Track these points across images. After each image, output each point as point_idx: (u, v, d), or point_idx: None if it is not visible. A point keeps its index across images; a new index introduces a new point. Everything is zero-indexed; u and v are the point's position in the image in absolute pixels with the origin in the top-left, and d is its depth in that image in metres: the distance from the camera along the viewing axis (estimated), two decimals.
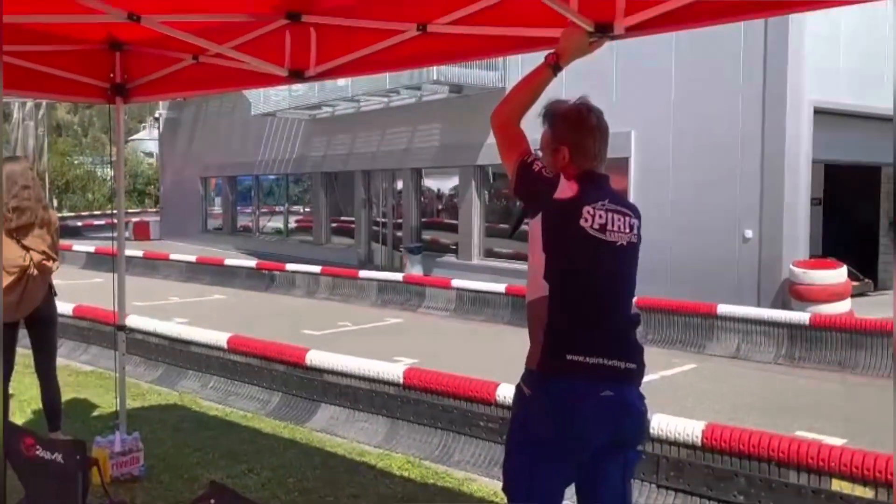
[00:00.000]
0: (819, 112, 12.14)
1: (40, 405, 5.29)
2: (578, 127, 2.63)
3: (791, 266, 11.65)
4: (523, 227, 2.68)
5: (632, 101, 13.56)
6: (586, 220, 2.51)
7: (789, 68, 11.88)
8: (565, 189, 2.52)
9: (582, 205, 2.52)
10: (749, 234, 12.32)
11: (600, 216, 2.53)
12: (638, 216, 2.67)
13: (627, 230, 2.59)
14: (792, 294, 11.52)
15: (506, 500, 2.69)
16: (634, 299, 2.69)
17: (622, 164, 13.76)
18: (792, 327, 9.21)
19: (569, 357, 2.47)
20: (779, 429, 5.71)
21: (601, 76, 13.41)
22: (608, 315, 2.56)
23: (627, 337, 2.61)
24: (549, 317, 2.51)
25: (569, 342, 2.49)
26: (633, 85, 13.56)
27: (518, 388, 2.62)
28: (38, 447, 2.75)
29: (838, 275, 11.53)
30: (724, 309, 9.78)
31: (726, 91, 12.48)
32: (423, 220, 19.22)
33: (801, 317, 9.38)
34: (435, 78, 15.86)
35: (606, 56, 13.25)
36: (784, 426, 6.43)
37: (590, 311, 2.53)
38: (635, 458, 2.69)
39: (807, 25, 11.70)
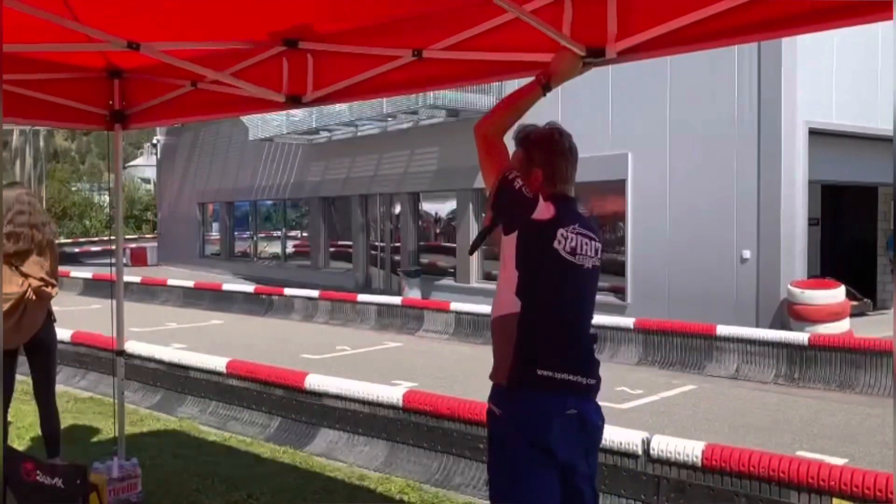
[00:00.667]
0: (814, 133, 12.24)
1: (39, 432, 5.27)
2: (552, 150, 2.72)
3: (789, 286, 11.67)
4: (483, 245, 2.75)
5: (628, 123, 13.69)
6: (559, 243, 2.59)
7: (784, 89, 11.99)
8: (543, 210, 2.58)
9: (558, 227, 2.59)
10: (747, 254, 12.36)
11: (572, 239, 2.61)
12: (601, 240, 2.76)
13: (593, 254, 2.68)
14: (790, 314, 11.53)
15: None
16: (632, 321, 2.75)
17: (619, 187, 13.83)
18: (791, 347, 9.21)
19: (539, 372, 2.55)
20: (779, 448, 5.71)
21: (597, 99, 13.55)
22: (574, 333, 2.65)
23: (589, 353, 2.70)
24: (520, 333, 2.58)
25: (539, 358, 2.57)
26: (629, 107, 13.68)
27: (489, 411, 2.67)
28: (38, 472, 2.75)
29: (837, 294, 11.55)
30: (723, 330, 9.79)
31: (722, 112, 12.57)
32: (421, 243, 19.26)
33: (799, 337, 9.38)
34: (432, 102, 15.99)
35: (602, 79, 13.45)
36: (785, 446, 6.42)
37: (559, 329, 2.61)
38: (595, 463, 2.77)
39: (799, 47, 11.83)
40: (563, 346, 2.60)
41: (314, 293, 15.48)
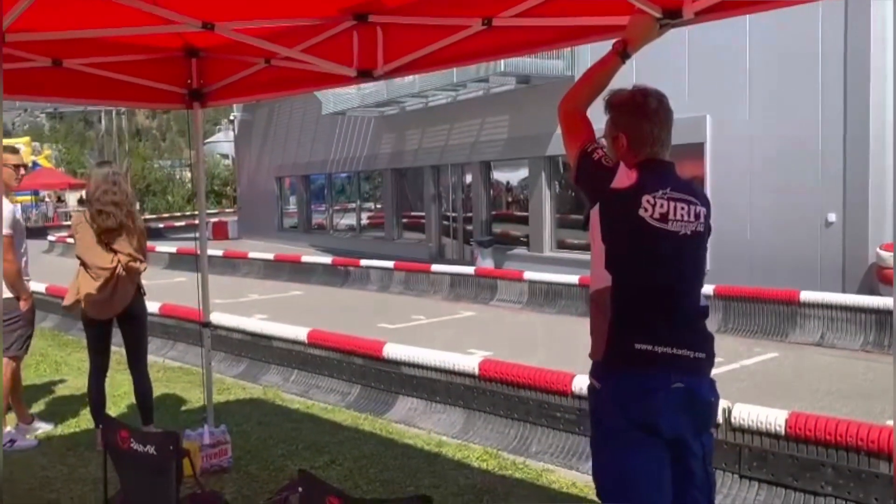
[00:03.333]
0: None
1: (133, 400, 5.54)
2: (634, 113, 2.59)
3: (878, 250, 11.18)
4: None
5: (705, 85, 13.26)
6: (646, 210, 2.47)
7: (872, 44, 11.38)
8: (624, 178, 2.48)
9: (641, 194, 2.47)
10: (832, 217, 11.89)
11: (661, 205, 2.48)
12: (706, 204, 2.61)
13: (693, 219, 2.54)
14: (880, 279, 11.05)
15: (596, 492, 2.63)
16: (712, 287, 2.65)
17: (697, 151, 13.46)
18: (880, 313, 8.85)
19: (637, 346, 2.45)
20: (868, 418, 5.52)
21: (673, 61, 13.15)
22: (674, 305, 2.52)
23: (696, 326, 2.56)
24: (614, 307, 2.49)
25: (635, 331, 2.47)
26: (706, 69, 13.24)
27: (589, 386, 2.62)
28: (132, 440, 2.88)
29: None
30: (807, 296, 9.49)
31: (804, 71, 12.04)
32: (493, 212, 19.21)
33: (889, 302, 9.01)
34: (502, 69, 15.81)
35: (678, 41, 13.04)
36: (874, 415, 6.21)
37: (655, 301, 2.49)
38: (710, 441, 2.65)
39: (888, 2, 11.20)
40: (661, 319, 2.48)
41: (389, 264, 15.67)
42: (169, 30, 3.94)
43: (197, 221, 5.34)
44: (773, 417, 4.27)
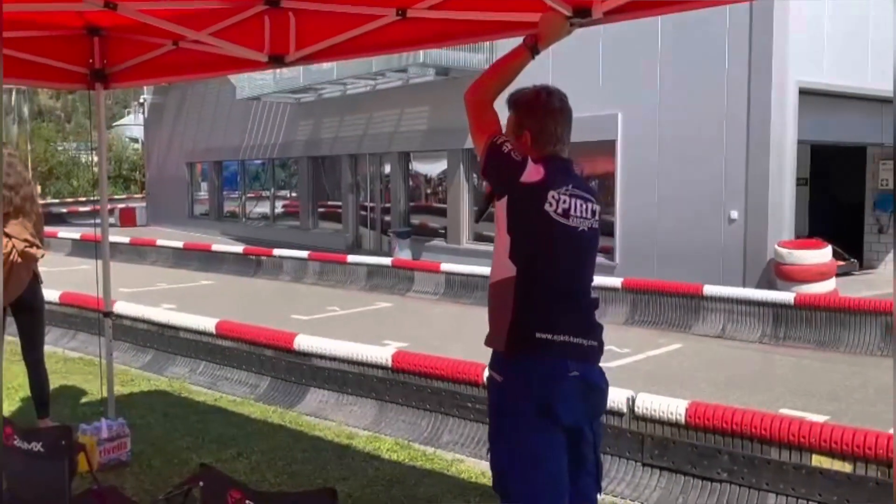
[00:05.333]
0: (804, 92, 12.18)
1: (28, 393, 5.30)
2: (539, 111, 2.66)
3: (776, 246, 11.73)
4: (491, 208, 2.70)
5: (618, 83, 13.58)
6: (551, 205, 2.55)
7: (774, 48, 11.89)
8: (532, 172, 2.54)
9: (548, 189, 2.55)
10: (734, 214, 12.39)
11: (564, 201, 2.56)
12: (599, 202, 2.72)
13: (589, 215, 2.64)
14: (777, 274, 11.61)
15: (493, 484, 2.66)
16: (620, 280, 2.73)
17: (609, 147, 13.79)
18: (777, 307, 9.29)
19: (538, 335, 2.53)
20: (763, 406, 5.80)
21: (587, 58, 13.43)
22: (571, 296, 2.61)
23: (589, 316, 2.67)
24: (516, 297, 2.55)
25: (536, 321, 2.54)
26: (619, 67, 13.56)
27: (489, 378, 2.66)
28: (16, 436, 2.75)
29: (823, 254, 11.62)
30: (710, 289, 9.87)
31: (711, 72, 12.49)
32: (412, 204, 19.20)
33: (785, 296, 9.47)
34: (421, 60, 15.80)
35: (592, 38, 13.31)
36: (768, 404, 6.52)
37: (555, 292, 2.57)
38: (600, 427, 2.78)
39: (791, 5, 11.72)
40: (559, 309, 2.56)
41: (304, 254, 15.47)
42: (69, 7, 3.77)
43: (100, 207, 5.14)
44: (675, 407, 4.43)
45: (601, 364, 2.70)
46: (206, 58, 4.15)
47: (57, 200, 37.23)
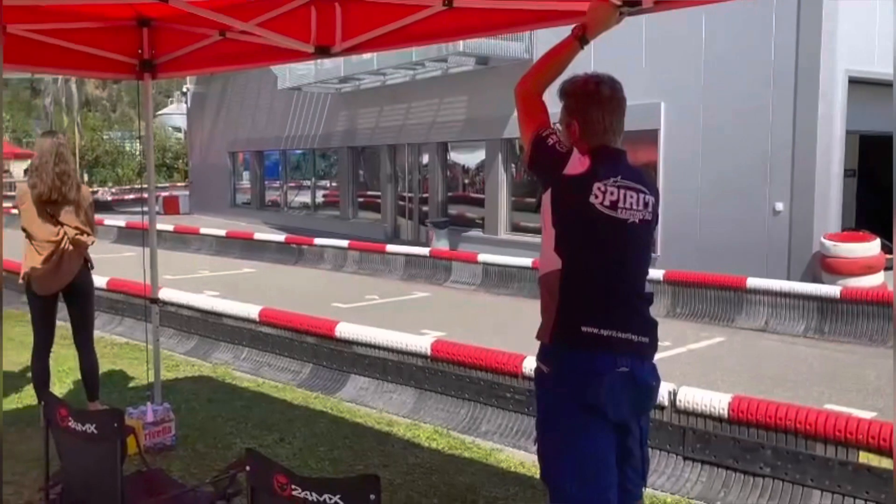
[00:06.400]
0: (854, 81, 11.90)
1: (79, 376, 5.44)
2: (587, 100, 2.60)
3: (822, 239, 11.51)
4: None
5: (662, 72, 13.41)
6: (596, 197, 2.50)
7: (823, 37, 11.63)
8: (576, 164, 2.51)
9: (592, 181, 2.50)
10: (780, 206, 12.17)
11: (612, 193, 2.51)
12: (655, 193, 2.65)
13: (641, 207, 2.58)
14: (823, 267, 11.39)
15: (540, 474, 2.65)
16: (661, 272, 2.69)
17: (652, 137, 13.63)
18: (822, 301, 9.12)
19: (583, 329, 2.49)
20: (807, 402, 5.70)
21: (630, 47, 13.26)
22: (620, 290, 2.56)
23: (640, 311, 2.62)
24: (562, 290, 2.52)
25: (582, 315, 2.50)
26: (662, 56, 13.39)
27: (537, 369, 2.65)
28: (70, 418, 2.82)
29: (871, 248, 11.36)
30: (753, 282, 9.72)
31: (758, 61, 12.25)
32: (450, 194, 19.21)
33: (831, 290, 9.28)
34: (461, 50, 15.76)
35: (636, 27, 13.14)
36: (812, 399, 6.42)
37: (601, 286, 2.53)
38: (647, 422, 2.74)
39: None
40: (606, 303, 2.52)
41: (343, 243, 15.59)
42: (121, 0, 3.83)
43: (147, 195, 5.23)
44: (717, 401, 4.39)
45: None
46: (252, 48, 4.20)
47: (103, 188, 37.99)
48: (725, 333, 9.30)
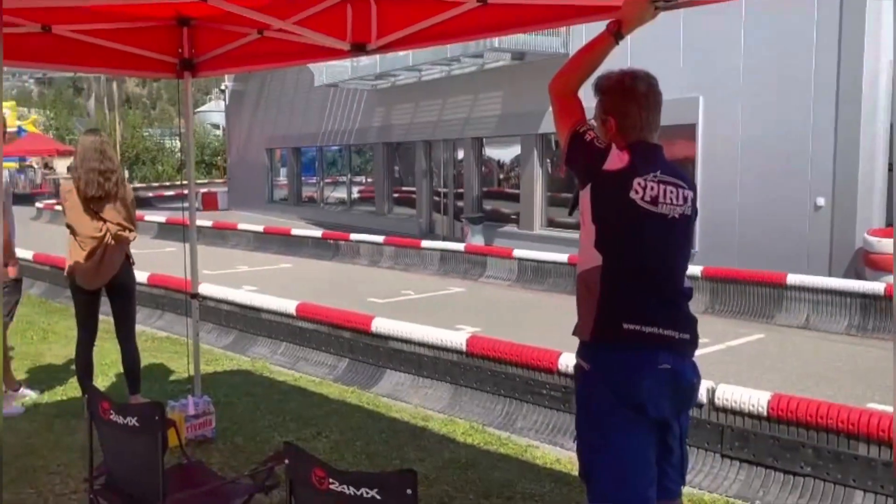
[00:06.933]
0: None
1: (121, 369, 5.55)
2: (624, 96, 2.57)
3: (865, 235, 11.26)
4: None
5: (699, 66, 13.24)
6: (637, 192, 2.47)
7: (867, 27, 11.37)
8: (615, 160, 2.49)
9: (632, 176, 2.48)
10: (821, 201, 11.95)
11: (652, 188, 2.49)
12: (693, 188, 2.62)
13: (681, 202, 2.55)
14: (866, 263, 11.15)
15: (579, 471, 2.64)
16: (699, 269, 2.66)
17: (689, 131, 13.47)
18: (865, 297, 8.94)
19: (624, 326, 2.47)
20: (849, 400, 5.60)
21: (667, 41, 13.11)
22: (661, 286, 2.53)
23: (681, 308, 2.59)
24: (602, 286, 2.50)
25: (623, 312, 2.48)
26: (700, 50, 13.22)
27: (577, 366, 2.63)
28: (112, 411, 2.88)
29: None
30: (793, 279, 9.56)
31: (798, 53, 12.03)
32: (485, 189, 19.20)
33: (875, 287, 9.09)
34: (497, 45, 15.72)
35: (672, 21, 12.96)
36: (855, 398, 6.30)
37: (642, 282, 2.50)
38: (687, 420, 2.71)
39: None
40: (648, 299, 2.50)
41: (379, 238, 15.67)
42: None
43: (186, 192, 5.32)
44: (756, 398, 4.33)
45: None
46: (289, 46, 4.24)
47: (143, 185, 38.64)
48: (765, 330, 9.16)
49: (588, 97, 2.66)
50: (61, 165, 39.47)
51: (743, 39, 12.72)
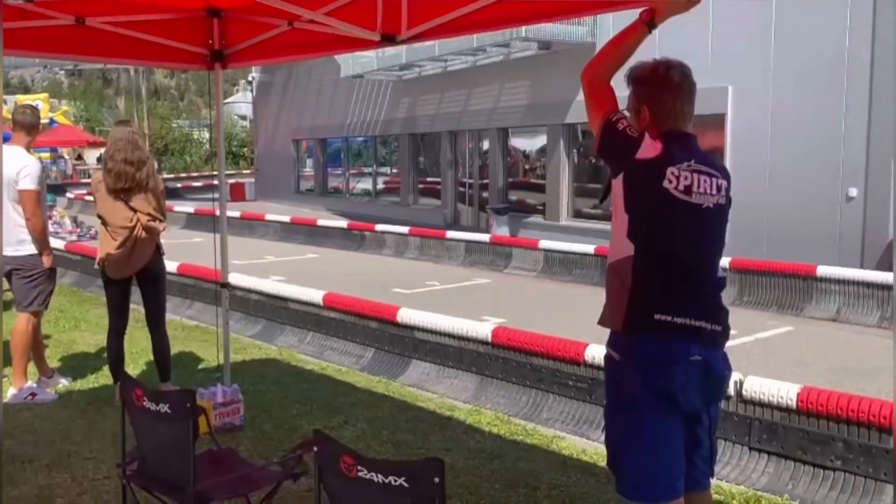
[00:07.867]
0: None
1: (151, 357, 5.63)
2: (657, 86, 2.55)
3: None
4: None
5: (728, 55, 13.07)
6: (670, 182, 2.45)
7: None
8: (649, 149, 2.47)
9: (666, 165, 2.46)
10: (853, 192, 11.77)
11: (685, 177, 2.46)
12: (727, 177, 2.59)
13: (715, 192, 2.52)
14: None
15: (607, 462, 2.64)
16: (728, 260, 2.63)
17: (718, 121, 13.32)
18: None
19: (656, 317, 2.45)
20: (881, 394, 5.51)
21: (696, 30, 12.95)
22: (694, 277, 2.51)
23: (714, 299, 2.57)
24: (634, 277, 2.48)
25: (655, 302, 2.46)
26: (730, 38, 13.04)
27: (607, 356, 2.62)
28: (145, 399, 2.93)
29: None
30: (824, 270, 9.44)
31: (830, 43, 11.82)
32: (510, 180, 19.14)
33: None
34: (523, 35, 15.64)
35: (702, 8, 12.80)
36: (887, 391, 6.20)
37: (675, 273, 2.48)
38: (717, 412, 2.70)
39: None
40: (680, 290, 2.47)
41: (404, 229, 15.71)
42: None
43: (216, 182, 5.37)
44: (785, 391, 4.29)
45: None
46: (319, 37, 4.25)
47: (172, 175, 39.05)
48: (794, 322, 9.06)
49: (620, 87, 2.64)
50: (91, 156, 39.99)
51: (773, 28, 12.54)
